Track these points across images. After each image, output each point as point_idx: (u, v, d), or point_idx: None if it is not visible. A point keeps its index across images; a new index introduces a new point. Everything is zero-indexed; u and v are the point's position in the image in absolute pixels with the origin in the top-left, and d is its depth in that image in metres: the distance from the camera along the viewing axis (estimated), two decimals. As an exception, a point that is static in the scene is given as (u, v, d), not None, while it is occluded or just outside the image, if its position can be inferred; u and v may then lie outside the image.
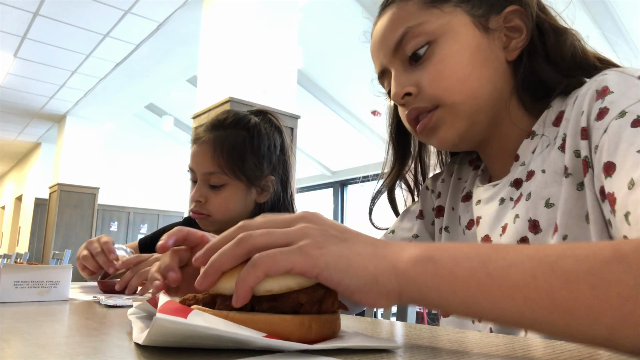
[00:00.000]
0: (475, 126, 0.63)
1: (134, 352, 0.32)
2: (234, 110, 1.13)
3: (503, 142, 0.66)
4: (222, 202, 1.04)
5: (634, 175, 0.43)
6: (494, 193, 0.66)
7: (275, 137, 1.12)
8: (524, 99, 0.64)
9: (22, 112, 7.14)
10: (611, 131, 0.48)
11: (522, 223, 0.58)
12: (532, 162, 0.61)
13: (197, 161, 1.06)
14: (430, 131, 0.64)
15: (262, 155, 1.07)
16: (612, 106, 0.49)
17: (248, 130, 1.07)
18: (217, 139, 1.04)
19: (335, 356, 0.31)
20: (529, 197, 0.58)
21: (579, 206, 0.52)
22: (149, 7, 4.32)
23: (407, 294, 0.35)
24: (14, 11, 4.37)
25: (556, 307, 0.31)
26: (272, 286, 0.34)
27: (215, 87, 3.53)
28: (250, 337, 0.30)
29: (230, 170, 1.03)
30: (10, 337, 0.38)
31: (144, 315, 0.44)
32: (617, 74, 0.52)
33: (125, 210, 9.47)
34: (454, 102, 0.61)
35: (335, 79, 6.20)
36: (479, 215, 0.67)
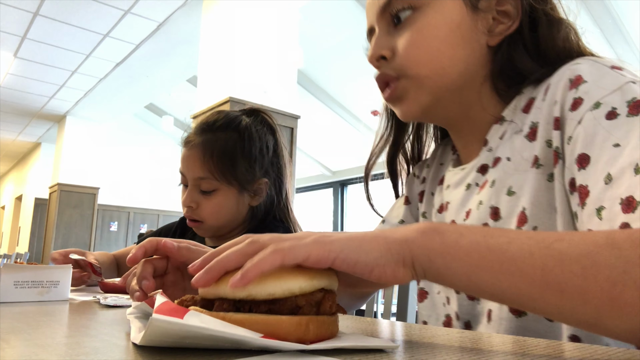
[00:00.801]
0: (440, 103, 0.62)
1: (133, 352, 0.32)
2: (225, 111, 1.10)
3: (473, 126, 0.65)
4: (214, 208, 1.02)
5: (611, 170, 0.43)
6: (461, 178, 0.66)
7: (268, 138, 1.08)
8: (498, 85, 0.63)
9: (22, 112, 7.14)
10: (586, 123, 0.48)
11: (485, 209, 0.58)
12: (499, 148, 0.60)
13: (187, 166, 1.03)
14: (395, 101, 0.63)
15: (254, 158, 1.04)
16: (587, 96, 0.49)
17: (239, 132, 1.04)
18: (207, 143, 1.01)
19: (334, 356, 0.31)
20: (493, 184, 0.58)
21: (548, 198, 0.52)
22: (149, 7, 4.32)
23: (419, 262, 0.37)
24: (14, 11, 4.37)
25: (549, 285, 0.33)
26: (274, 290, 0.33)
27: (215, 87, 3.53)
28: (246, 338, 0.30)
29: (221, 175, 1.00)
30: (10, 337, 0.38)
31: (142, 315, 0.44)
32: (590, 63, 0.51)
33: (125, 210, 9.47)
34: (418, 74, 0.60)
35: (335, 79, 6.19)
36: (448, 200, 0.67)
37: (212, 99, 3.52)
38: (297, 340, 0.32)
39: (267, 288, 0.33)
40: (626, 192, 0.41)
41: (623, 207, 0.41)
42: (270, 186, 1.08)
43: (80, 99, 6.64)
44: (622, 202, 0.41)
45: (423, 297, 0.69)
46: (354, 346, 0.33)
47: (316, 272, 0.35)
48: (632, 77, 0.48)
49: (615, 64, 0.51)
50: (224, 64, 3.47)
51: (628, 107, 0.46)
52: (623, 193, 0.41)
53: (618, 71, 0.50)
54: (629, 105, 0.46)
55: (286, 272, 0.34)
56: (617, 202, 0.42)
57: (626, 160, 0.43)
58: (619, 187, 0.42)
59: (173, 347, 0.32)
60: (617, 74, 0.49)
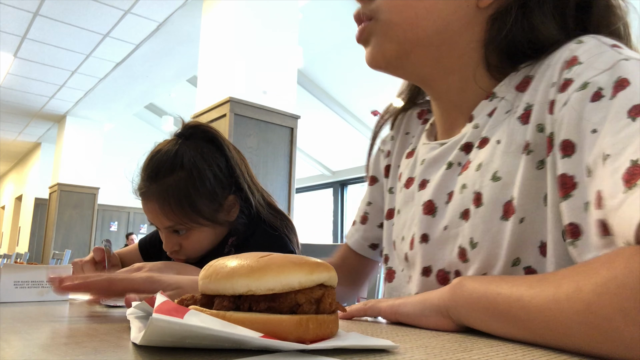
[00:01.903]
0: (408, 57, 0.58)
1: (133, 352, 0.32)
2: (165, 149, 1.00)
3: (454, 96, 0.61)
4: (195, 245, 1.00)
5: (588, 160, 0.41)
6: (440, 154, 0.61)
7: (216, 157, 1.01)
8: (490, 58, 0.57)
9: (22, 112, 7.14)
10: (571, 105, 0.44)
11: (468, 195, 0.54)
12: (487, 127, 0.56)
13: (152, 218, 1.00)
14: (363, 43, 0.60)
15: (211, 190, 0.98)
16: (577, 77, 0.45)
17: (185, 170, 0.97)
18: (161, 194, 0.96)
19: (334, 356, 0.31)
20: (478, 167, 0.54)
21: (538, 186, 0.48)
22: (149, 7, 4.32)
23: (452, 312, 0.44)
24: (14, 11, 4.37)
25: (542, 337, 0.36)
26: (274, 285, 0.33)
27: (215, 87, 3.53)
28: (246, 337, 0.30)
29: (187, 220, 0.96)
30: (10, 337, 0.38)
31: (142, 315, 0.44)
32: (594, 42, 0.47)
33: (125, 210, 9.47)
34: (388, 20, 0.56)
35: (335, 79, 6.20)
36: (426, 178, 0.62)
37: (212, 99, 3.52)
38: (297, 339, 0.32)
39: (266, 283, 0.33)
40: (597, 186, 0.39)
41: (595, 202, 0.39)
42: (239, 199, 1.04)
43: (80, 99, 6.64)
44: (595, 197, 0.39)
45: (391, 277, 0.69)
46: (354, 346, 0.33)
47: (316, 267, 0.35)
48: (628, 54, 0.44)
49: (617, 42, 0.47)
50: (224, 64, 3.47)
51: (612, 88, 0.42)
52: (596, 187, 0.39)
53: (617, 49, 0.46)
54: (613, 85, 0.42)
55: (286, 267, 0.34)
56: (594, 196, 0.39)
57: (598, 149, 0.40)
58: (595, 181, 0.40)
59: (173, 347, 0.32)
60: (614, 52, 0.45)
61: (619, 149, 0.37)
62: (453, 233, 0.55)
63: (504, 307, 0.38)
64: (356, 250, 0.80)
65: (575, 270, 0.35)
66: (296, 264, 0.35)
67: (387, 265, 0.70)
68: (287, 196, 3.54)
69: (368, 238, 0.79)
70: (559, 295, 0.34)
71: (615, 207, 0.35)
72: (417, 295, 0.51)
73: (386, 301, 0.53)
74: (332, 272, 0.37)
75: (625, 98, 0.40)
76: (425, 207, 0.60)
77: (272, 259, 0.35)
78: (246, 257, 0.36)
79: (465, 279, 0.45)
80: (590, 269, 0.34)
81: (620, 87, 0.41)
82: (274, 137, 3.53)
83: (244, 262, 0.35)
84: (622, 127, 0.38)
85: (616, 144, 0.38)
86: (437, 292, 0.47)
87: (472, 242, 0.52)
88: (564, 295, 0.34)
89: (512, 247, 0.49)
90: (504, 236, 0.49)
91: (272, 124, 3.49)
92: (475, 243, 0.52)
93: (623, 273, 0.31)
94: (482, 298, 0.41)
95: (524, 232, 0.49)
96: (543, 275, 0.39)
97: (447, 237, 0.56)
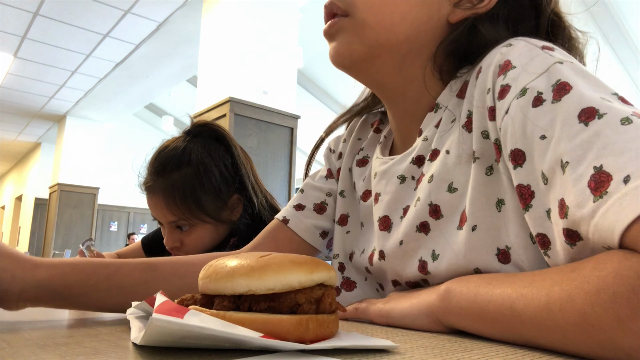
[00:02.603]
0: (374, 62, 0.57)
1: (133, 352, 0.32)
2: (173, 145, 1.02)
3: (410, 106, 0.60)
4: (196, 241, 1.01)
5: (543, 168, 0.40)
6: (389, 168, 0.61)
7: (223, 155, 1.02)
8: (443, 66, 0.57)
9: (22, 112, 7.14)
10: (513, 112, 0.44)
11: (423, 207, 0.53)
12: (436, 138, 0.55)
13: (156, 212, 1.01)
14: (331, 37, 0.58)
15: (217, 187, 0.99)
16: (514, 83, 0.45)
17: (192, 167, 0.98)
18: (166, 188, 0.98)
19: (334, 356, 0.31)
20: (431, 179, 0.53)
21: (488, 193, 0.48)
22: (149, 7, 4.32)
23: (442, 319, 0.44)
24: (14, 11, 4.37)
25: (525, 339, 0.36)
26: (274, 284, 0.33)
27: (215, 87, 3.53)
28: (246, 337, 0.30)
29: (191, 216, 0.98)
30: (10, 337, 0.38)
31: (142, 315, 0.44)
32: (523, 44, 0.47)
33: (125, 210, 9.48)
34: (362, 20, 0.55)
35: (335, 79, 6.20)
36: (378, 192, 0.62)
37: (212, 99, 3.52)
38: (297, 339, 0.32)
39: (266, 283, 0.33)
40: (559, 194, 0.38)
41: (559, 211, 0.38)
42: (241, 203, 1.05)
43: (80, 99, 6.64)
44: (558, 206, 0.38)
45: (351, 287, 0.67)
46: (354, 346, 0.33)
47: (316, 266, 0.35)
48: (561, 57, 0.44)
49: (547, 44, 0.47)
50: (224, 64, 3.48)
51: (552, 91, 0.41)
52: (558, 195, 0.38)
53: (548, 52, 0.45)
54: (554, 89, 0.41)
55: (285, 266, 0.34)
56: (557, 205, 0.39)
57: (552, 156, 0.39)
58: (555, 188, 0.39)
59: (173, 347, 0.32)
60: (547, 55, 0.45)
61: (578, 155, 0.37)
62: (412, 247, 0.54)
63: (496, 315, 0.38)
64: (303, 236, 0.73)
65: (564, 276, 0.35)
66: (296, 263, 0.35)
67: (344, 275, 0.68)
68: (287, 196, 3.54)
69: (321, 227, 0.74)
70: (552, 305, 0.34)
71: (588, 216, 0.34)
72: (405, 298, 0.50)
73: (375, 304, 0.53)
74: (332, 272, 0.37)
75: (572, 102, 0.39)
76: (381, 223, 0.60)
77: (272, 259, 0.35)
78: (246, 256, 0.36)
79: (452, 284, 0.44)
80: (580, 275, 0.33)
81: (562, 91, 0.41)
82: (274, 137, 3.53)
83: (243, 261, 0.35)
84: (576, 133, 0.38)
85: (574, 150, 0.37)
86: (425, 298, 0.47)
87: (434, 254, 0.52)
88: (557, 305, 0.33)
89: (468, 256, 0.48)
90: (460, 246, 0.49)
91: (272, 124, 3.49)
92: (437, 255, 0.52)
93: (614, 282, 0.30)
94: (472, 306, 0.41)
95: (477, 240, 0.48)
96: (532, 278, 0.37)
97: (404, 251, 0.55)
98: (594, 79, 0.42)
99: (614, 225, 0.32)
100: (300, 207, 0.74)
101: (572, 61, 0.44)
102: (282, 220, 0.74)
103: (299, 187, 0.80)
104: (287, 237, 0.73)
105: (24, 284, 0.49)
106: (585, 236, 0.35)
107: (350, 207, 0.71)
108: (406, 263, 0.55)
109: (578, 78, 0.41)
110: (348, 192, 0.72)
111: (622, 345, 0.30)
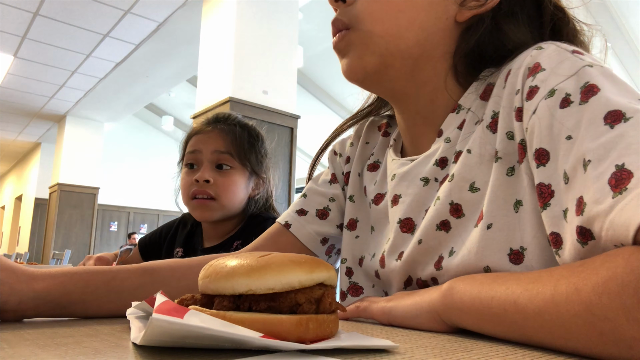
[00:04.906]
0: (387, 70, 0.57)
1: (133, 352, 0.32)
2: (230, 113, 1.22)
3: (423, 108, 0.60)
4: (229, 185, 1.09)
5: (565, 167, 0.41)
6: (410, 170, 0.60)
7: (265, 143, 1.22)
8: (459, 67, 0.57)
9: (22, 112, 7.15)
10: (540, 112, 0.44)
11: (443, 206, 0.54)
12: (460, 140, 0.56)
13: (207, 142, 1.11)
14: (341, 53, 0.58)
15: (262, 153, 1.18)
16: (543, 84, 0.45)
17: (249, 131, 1.17)
18: (226, 129, 1.13)
19: (334, 356, 0.31)
20: (452, 178, 0.54)
21: (507, 193, 0.48)
22: (149, 7, 4.32)
23: (444, 317, 0.44)
24: (14, 11, 4.37)
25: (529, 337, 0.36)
26: (274, 284, 0.33)
27: (215, 87, 3.53)
28: (246, 337, 0.30)
29: (238, 155, 1.11)
30: (10, 337, 0.38)
31: (143, 315, 0.44)
32: (553, 48, 0.48)
33: (125, 210, 9.48)
34: (370, 31, 0.55)
35: (335, 79, 6.20)
36: (397, 194, 0.61)
37: (212, 99, 3.52)
38: (297, 339, 0.32)
39: (266, 282, 0.33)
40: (579, 192, 0.38)
41: (576, 208, 0.38)
42: (267, 183, 1.20)
43: (80, 99, 6.65)
44: (576, 204, 0.38)
45: (358, 292, 0.67)
46: (354, 346, 0.33)
47: (316, 265, 0.36)
48: (590, 61, 0.45)
49: (576, 49, 0.47)
50: (224, 64, 3.48)
51: (580, 93, 0.42)
52: (577, 193, 0.39)
53: (578, 56, 0.46)
54: (581, 91, 0.42)
55: (285, 266, 0.34)
56: (575, 203, 0.39)
57: (575, 155, 0.40)
58: (575, 187, 0.39)
59: (173, 347, 0.32)
60: (576, 59, 0.45)
61: (600, 154, 0.37)
62: (432, 245, 0.55)
63: (499, 311, 0.38)
64: (304, 242, 0.74)
65: (572, 270, 0.35)
66: (296, 262, 0.35)
67: (351, 280, 0.68)
68: (287, 196, 3.54)
69: (322, 233, 0.74)
70: (557, 297, 0.33)
71: (605, 212, 0.35)
72: (408, 296, 0.50)
73: (377, 302, 0.52)
74: (331, 272, 0.37)
75: (599, 104, 0.40)
76: (403, 225, 0.59)
77: (272, 258, 0.35)
78: (246, 256, 0.36)
79: (456, 282, 0.44)
80: (588, 269, 0.33)
81: (590, 92, 0.41)
82: (274, 137, 3.53)
83: (243, 261, 0.35)
84: (600, 134, 0.38)
85: (597, 150, 0.38)
86: (427, 296, 0.46)
87: (452, 251, 0.52)
88: (563, 297, 0.33)
89: (479, 254, 0.48)
90: (473, 243, 0.49)
91: (272, 124, 3.49)
92: (453, 252, 0.52)
93: (624, 272, 0.30)
94: (475, 301, 0.40)
95: (490, 238, 0.48)
96: (538, 274, 0.38)
97: (425, 249, 0.55)
98: (622, 84, 0.42)
99: (629, 220, 0.32)
100: (303, 213, 0.74)
101: (602, 65, 0.44)
102: (284, 224, 0.74)
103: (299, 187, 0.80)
104: (289, 242, 0.74)
105: (22, 295, 0.50)
106: (598, 234, 0.35)
107: (359, 212, 0.71)
108: (427, 262, 0.55)
109: (606, 81, 0.42)
110: (358, 197, 0.71)
111: (625, 335, 0.29)
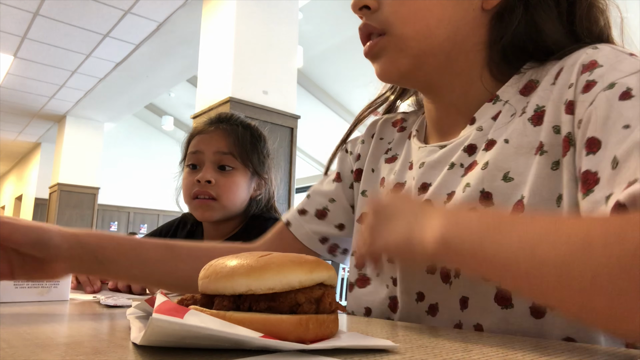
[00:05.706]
0: (421, 68, 0.58)
1: (133, 352, 0.32)
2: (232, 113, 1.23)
3: (457, 98, 0.61)
4: (231, 185, 1.10)
5: (617, 152, 0.40)
6: (442, 156, 0.60)
7: (267, 143, 1.23)
8: (493, 58, 0.58)
9: (22, 112, 7.14)
10: (598, 104, 0.44)
11: (473, 193, 0.53)
12: (493, 130, 0.56)
13: (209, 142, 1.11)
14: (373, 58, 0.59)
15: (264, 154, 1.18)
16: (601, 79, 0.46)
17: (251, 131, 1.18)
18: (228, 129, 1.13)
19: (334, 356, 0.31)
20: (485, 166, 0.53)
21: (551, 187, 0.48)
22: (149, 7, 4.32)
23: None
24: (14, 11, 4.37)
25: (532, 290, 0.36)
26: (274, 284, 0.34)
27: (215, 87, 3.53)
28: (246, 337, 0.30)
29: (240, 156, 1.11)
30: (10, 337, 0.38)
31: (143, 315, 0.44)
32: (610, 49, 0.49)
33: (125, 210, 9.47)
34: (403, 34, 0.56)
35: (335, 79, 6.20)
36: (427, 181, 0.61)
37: (212, 99, 3.52)
38: (297, 339, 0.32)
39: (266, 282, 0.33)
40: (632, 176, 0.37)
41: (625, 186, 0.37)
42: (269, 184, 1.21)
43: (80, 99, 6.64)
44: (624, 187, 0.37)
45: (365, 283, 0.66)
46: (354, 346, 0.33)
47: (315, 265, 0.36)
48: None
49: (633, 52, 0.48)
50: (224, 64, 3.48)
51: None
52: (630, 176, 0.38)
53: (636, 58, 0.47)
54: None
55: (285, 266, 0.34)
56: (623, 187, 0.38)
57: (631, 141, 0.39)
58: (626, 171, 0.39)
59: (173, 347, 0.32)
60: (636, 60, 0.46)
61: None
62: None
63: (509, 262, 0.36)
64: (303, 241, 0.75)
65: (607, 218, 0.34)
66: (296, 262, 0.35)
67: (361, 272, 0.68)
68: (287, 196, 3.54)
69: (320, 232, 0.75)
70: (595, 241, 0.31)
71: None
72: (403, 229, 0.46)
73: None
74: (331, 271, 0.37)
75: None
76: None
77: (272, 258, 0.35)
78: (246, 256, 0.36)
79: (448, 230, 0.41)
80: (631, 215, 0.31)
81: None
82: (274, 137, 3.53)
83: (243, 261, 0.35)
84: None
85: None
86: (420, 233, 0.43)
87: None
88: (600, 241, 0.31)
89: None
90: None
91: (272, 124, 3.49)
92: None
93: None
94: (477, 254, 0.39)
95: None
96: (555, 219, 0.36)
97: None
98: None
99: None
100: (304, 212, 0.77)
101: None
102: (285, 223, 0.77)
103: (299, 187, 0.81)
104: (290, 240, 0.76)
105: (70, 240, 0.59)
106: None
107: None
108: None
109: None
110: (372, 191, 0.71)
111: None
